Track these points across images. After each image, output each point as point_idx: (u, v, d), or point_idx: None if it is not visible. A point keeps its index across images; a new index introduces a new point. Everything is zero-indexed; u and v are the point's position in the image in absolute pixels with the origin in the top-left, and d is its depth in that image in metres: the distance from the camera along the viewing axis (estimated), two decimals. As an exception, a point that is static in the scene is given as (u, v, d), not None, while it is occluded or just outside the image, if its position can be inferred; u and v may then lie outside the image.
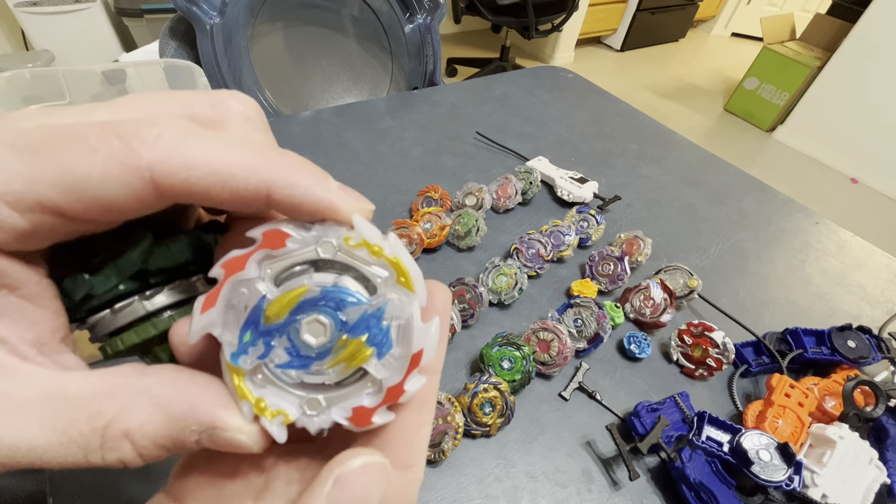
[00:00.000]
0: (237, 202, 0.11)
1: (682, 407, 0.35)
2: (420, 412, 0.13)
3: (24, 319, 0.11)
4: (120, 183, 0.10)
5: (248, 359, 0.11)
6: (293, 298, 0.11)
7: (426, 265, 0.47)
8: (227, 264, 0.11)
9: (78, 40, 1.57)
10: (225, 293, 0.11)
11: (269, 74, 0.78)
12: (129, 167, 0.10)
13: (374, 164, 0.59)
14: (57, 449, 0.10)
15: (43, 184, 0.09)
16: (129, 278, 0.12)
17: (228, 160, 0.10)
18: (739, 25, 3.58)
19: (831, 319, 0.47)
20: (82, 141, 0.09)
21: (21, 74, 0.42)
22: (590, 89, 0.84)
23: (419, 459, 0.13)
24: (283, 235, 0.11)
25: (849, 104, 2.12)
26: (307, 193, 0.11)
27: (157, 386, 0.11)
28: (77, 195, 0.10)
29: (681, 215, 0.58)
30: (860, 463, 0.31)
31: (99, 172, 0.09)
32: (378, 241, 0.11)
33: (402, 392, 0.11)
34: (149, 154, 0.10)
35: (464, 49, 2.85)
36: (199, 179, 0.10)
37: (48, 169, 0.09)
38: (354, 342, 0.11)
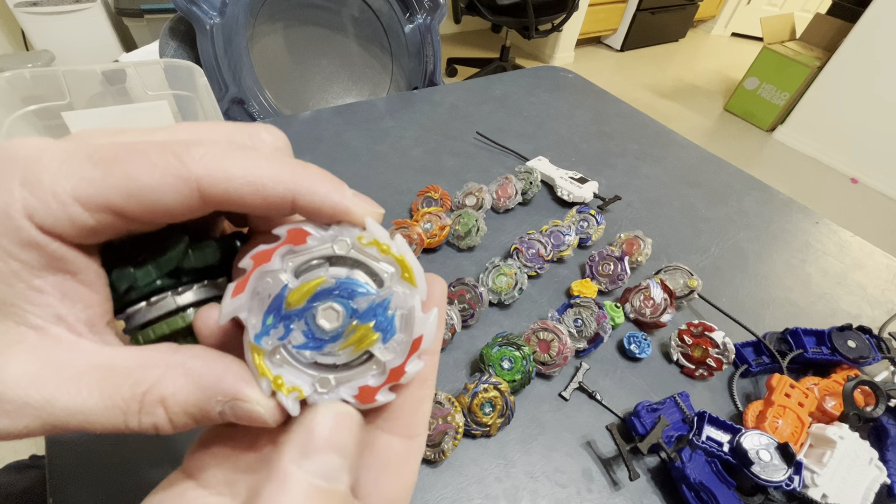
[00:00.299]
0: (267, 207, 0.13)
1: (682, 407, 0.35)
2: (422, 388, 0.14)
3: (80, 301, 0.13)
4: (173, 191, 0.12)
5: (270, 340, 0.13)
6: (312, 288, 0.13)
7: (426, 265, 0.47)
8: (256, 256, 0.13)
9: (78, 40, 1.57)
10: (252, 281, 0.13)
11: (269, 74, 0.78)
12: (181, 178, 0.12)
13: (374, 164, 0.59)
14: (102, 412, 0.12)
15: (111, 189, 0.11)
16: (165, 275, 0.14)
17: (260, 172, 0.12)
18: (739, 25, 3.58)
19: (831, 319, 0.47)
20: (145, 156, 0.12)
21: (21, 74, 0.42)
22: (590, 89, 0.84)
23: (422, 430, 0.14)
24: (304, 233, 0.13)
25: (849, 104, 2.12)
26: (326, 199, 0.13)
27: (190, 360, 0.12)
28: (138, 200, 0.12)
29: (681, 215, 0.58)
30: (860, 463, 0.31)
31: (157, 182, 0.11)
32: (386, 241, 0.13)
33: (403, 373, 0.13)
34: (196, 168, 0.12)
35: (464, 49, 2.85)
36: (237, 189, 0.12)
37: (117, 178, 0.11)
38: (363, 328, 0.13)
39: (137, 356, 0.12)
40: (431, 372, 0.14)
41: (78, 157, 0.11)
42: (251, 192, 0.12)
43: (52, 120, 0.45)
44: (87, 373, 0.12)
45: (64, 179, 0.11)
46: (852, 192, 2.11)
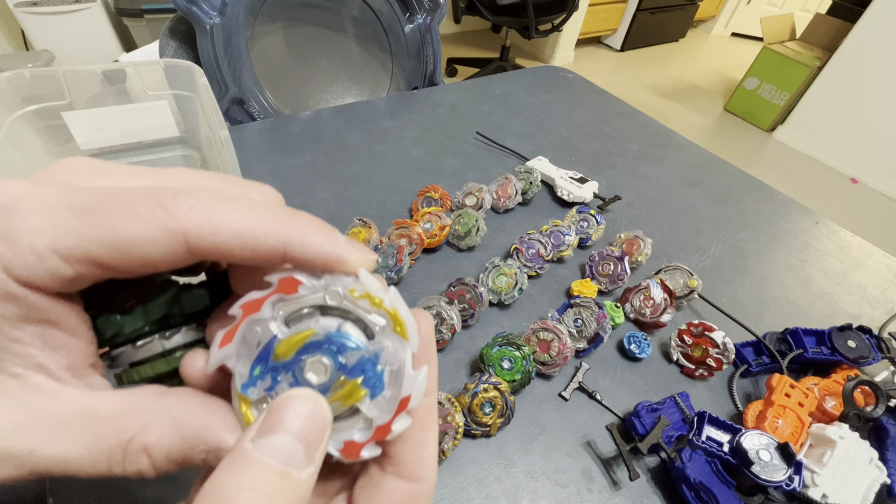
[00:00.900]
0: (258, 259, 0.12)
1: (682, 407, 0.35)
2: (423, 431, 0.14)
3: (61, 349, 0.12)
4: (159, 244, 0.11)
5: (256, 390, 0.13)
6: (300, 340, 0.13)
7: (426, 265, 0.47)
8: (246, 305, 0.13)
9: (78, 40, 1.57)
10: (242, 330, 0.13)
11: (269, 74, 0.78)
12: (168, 231, 0.11)
13: (374, 164, 0.59)
14: (87, 460, 0.11)
15: (93, 242, 0.11)
16: (154, 322, 0.14)
17: (250, 224, 0.12)
18: (739, 25, 3.58)
19: (831, 319, 0.47)
20: (130, 207, 0.11)
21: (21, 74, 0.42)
22: (590, 89, 0.84)
23: (428, 472, 0.14)
24: (295, 282, 0.13)
25: (849, 104, 2.12)
26: (319, 249, 0.12)
27: (175, 407, 0.12)
28: (121, 253, 0.11)
29: (681, 215, 0.58)
30: (860, 463, 0.31)
31: (142, 235, 0.11)
32: (380, 294, 0.13)
33: (389, 431, 0.12)
34: (184, 220, 0.11)
35: (464, 49, 2.85)
36: (226, 241, 0.12)
37: (99, 230, 0.11)
38: (351, 383, 0.12)
39: (121, 402, 0.12)
40: (431, 413, 0.14)
41: (58, 207, 0.11)
42: (241, 245, 0.12)
43: (52, 120, 0.45)
44: (70, 421, 0.12)
45: (42, 231, 0.11)
46: (852, 192, 2.11)
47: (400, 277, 0.43)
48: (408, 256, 0.43)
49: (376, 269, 0.43)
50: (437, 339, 0.38)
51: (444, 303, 0.39)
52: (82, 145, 0.49)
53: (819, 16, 2.34)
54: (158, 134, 0.53)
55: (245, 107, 0.75)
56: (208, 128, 0.47)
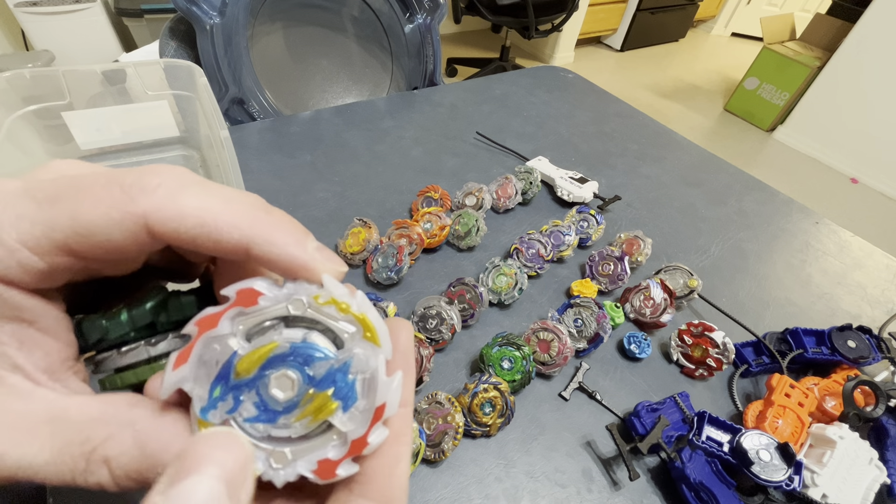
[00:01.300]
0: (220, 251, 0.12)
1: (682, 407, 0.35)
2: (396, 445, 0.13)
3: (38, 349, 0.12)
4: (119, 228, 0.11)
5: (218, 413, 0.12)
6: (263, 354, 0.12)
7: (426, 265, 0.47)
8: (201, 322, 0.12)
9: (78, 40, 1.57)
10: (198, 349, 0.12)
11: (269, 74, 0.78)
12: (127, 214, 0.11)
13: (374, 164, 0.59)
14: (51, 468, 0.11)
15: (56, 230, 0.11)
16: (139, 328, 0.14)
17: (215, 214, 0.11)
18: (739, 25, 3.58)
19: (831, 319, 0.47)
20: (89, 191, 0.11)
21: (21, 74, 0.42)
22: (590, 89, 0.84)
23: (400, 493, 0.13)
24: (255, 294, 0.12)
25: (849, 104, 2.12)
26: (283, 251, 0.12)
27: (141, 420, 0.12)
28: (85, 238, 0.11)
29: (681, 215, 0.58)
30: (860, 463, 0.31)
31: (101, 218, 0.11)
32: (346, 299, 0.12)
33: (365, 444, 0.12)
34: (145, 202, 0.11)
35: (464, 49, 2.85)
36: (188, 230, 0.11)
37: (61, 216, 0.11)
38: (321, 396, 0.12)
39: (93, 409, 0.12)
40: (405, 426, 0.13)
41: (21, 198, 0.11)
42: (202, 235, 0.11)
43: (52, 120, 0.45)
44: (41, 426, 0.11)
45: (8, 224, 0.10)
46: (852, 192, 2.11)
47: (400, 277, 0.43)
48: (408, 256, 0.43)
49: (376, 270, 0.43)
50: (437, 339, 0.38)
51: (444, 303, 0.39)
52: (82, 145, 0.49)
53: (819, 16, 2.34)
54: (158, 134, 0.53)
55: (245, 107, 0.75)
56: (208, 128, 0.47)
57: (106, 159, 0.52)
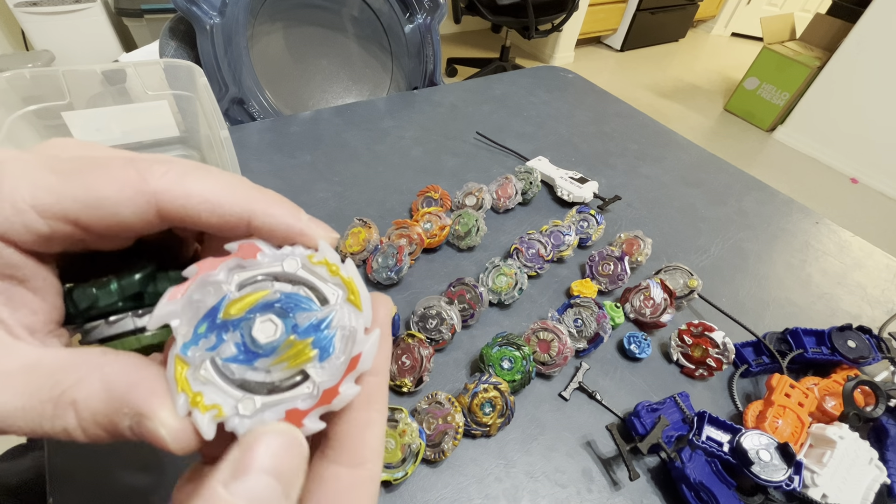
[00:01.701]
0: (223, 226, 0.13)
1: (682, 407, 0.35)
2: (367, 410, 0.13)
3: (24, 307, 0.13)
4: (131, 203, 0.12)
5: (198, 350, 0.12)
6: (254, 299, 0.12)
7: (426, 265, 0.47)
8: (201, 264, 0.12)
9: (78, 40, 1.57)
10: (192, 289, 0.12)
11: (269, 74, 0.78)
12: (140, 192, 0.12)
13: (374, 164, 0.59)
14: (20, 413, 0.11)
15: (69, 199, 0.12)
16: (128, 298, 0.14)
17: (218, 192, 0.13)
18: (739, 25, 3.58)
19: (831, 319, 0.47)
20: (107, 169, 0.12)
21: (21, 74, 0.42)
22: (590, 89, 0.84)
23: (372, 456, 0.13)
24: (255, 249, 0.13)
25: (849, 104, 2.12)
26: (281, 220, 0.13)
27: (110, 365, 0.12)
28: (95, 210, 0.12)
29: (681, 215, 0.58)
30: (860, 463, 0.31)
31: (116, 194, 0.12)
32: (336, 262, 0.13)
33: (336, 394, 0.12)
34: (157, 183, 0.12)
35: (464, 49, 2.85)
36: (194, 206, 0.12)
37: (76, 188, 0.12)
38: (300, 343, 0.12)
39: (66, 357, 0.12)
40: (379, 394, 0.14)
41: (40, 168, 0.12)
42: (207, 211, 0.13)
43: (52, 120, 0.45)
44: (15, 374, 0.11)
45: (23, 187, 0.11)
46: (852, 192, 2.11)
47: (400, 277, 0.43)
48: (408, 256, 0.43)
49: (376, 270, 0.43)
50: (437, 339, 0.38)
51: (444, 303, 0.39)
52: (82, 145, 0.49)
53: (819, 16, 2.34)
54: (158, 134, 0.53)
55: (245, 107, 0.75)
56: (208, 128, 0.47)
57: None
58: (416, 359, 0.36)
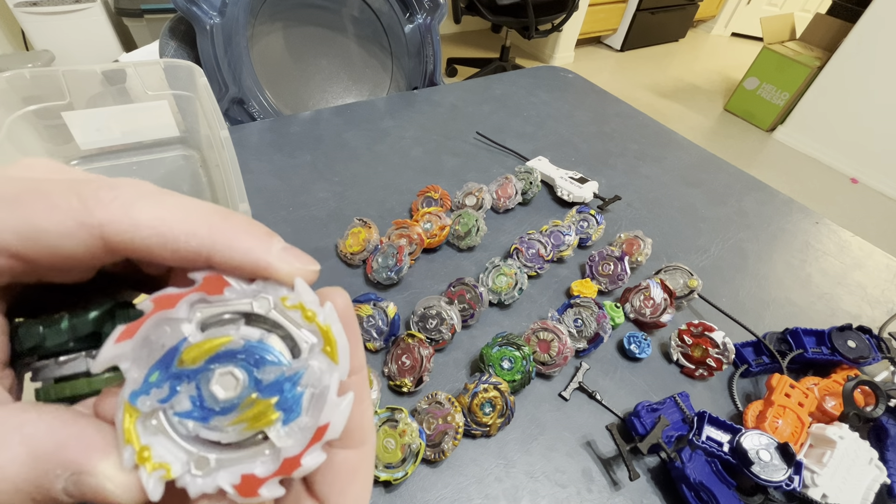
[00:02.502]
0: (179, 261, 0.11)
1: (682, 407, 0.35)
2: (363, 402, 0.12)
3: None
4: (73, 237, 0.11)
5: (148, 400, 0.10)
6: (214, 346, 0.11)
7: (426, 265, 0.47)
8: (158, 299, 0.11)
9: (78, 40, 1.57)
10: (146, 327, 0.11)
11: (269, 74, 0.78)
12: (81, 224, 0.11)
13: (374, 164, 0.59)
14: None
15: (7, 231, 0.10)
16: (80, 338, 0.12)
17: (172, 223, 0.11)
18: (739, 25, 3.58)
19: (831, 319, 0.47)
20: (47, 197, 0.11)
21: (21, 74, 0.42)
22: (590, 89, 0.84)
23: (370, 433, 0.12)
24: (223, 283, 0.11)
25: (849, 104, 2.12)
26: (247, 256, 0.11)
27: (31, 423, 0.10)
28: (35, 243, 0.11)
29: (681, 215, 0.58)
30: (860, 463, 0.31)
31: (55, 226, 0.10)
32: (314, 307, 0.11)
33: (297, 465, 0.10)
34: (101, 214, 0.11)
35: (464, 49, 2.85)
36: (143, 239, 0.11)
37: (13, 219, 0.10)
38: (263, 403, 0.11)
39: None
40: (364, 389, 0.13)
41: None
42: (159, 245, 0.11)
43: (52, 120, 0.45)
44: None
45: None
46: (852, 192, 2.11)
47: (400, 277, 0.43)
48: (408, 256, 0.43)
49: (376, 270, 0.43)
50: (437, 339, 0.38)
51: (444, 303, 0.39)
52: (82, 145, 0.49)
53: (819, 16, 2.34)
54: (158, 134, 0.53)
55: (245, 107, 0.75)
56: (208, 128, 0.47)
57: (106, 159, 0.52)
58: (416, 359, 0.36)
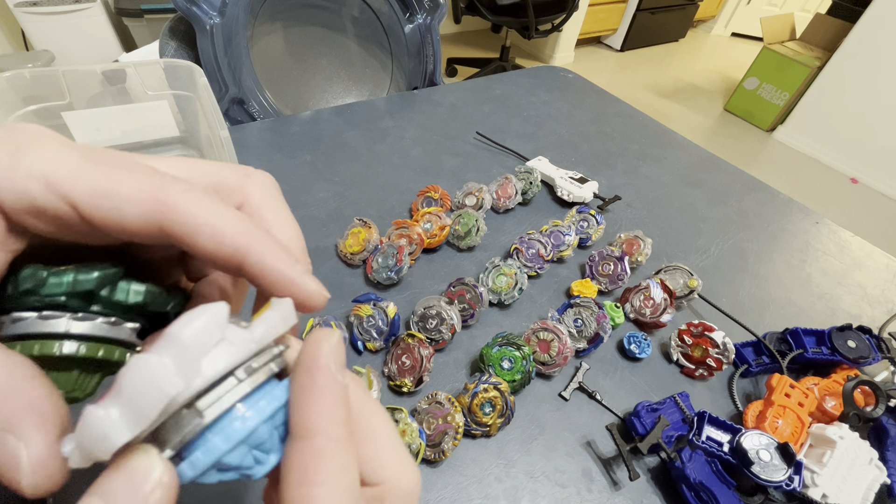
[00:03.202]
0: (218, 255, 0.13)
1: (682, 407, 0.35)
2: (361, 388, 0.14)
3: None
4: (142, 206, 0.12)
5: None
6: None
7: (426, 265, 0.47)
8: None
9: (78, 40, 1.57)
10: None
11: (269, 74, 0.78)
12: (153, 197, 0.12)
13: (374, 164, 0.59)
14: None
15: (82, 187, 0.11)
16: (77, 295, 0.12)
17: (223, 221, 0.13)
18: (739, 25, 3.58)
19: (831, 319, 0.47)
20: (133, 167, 0.12)
21: (21, 74, 0.42)
22: (590, 89, 0.84)
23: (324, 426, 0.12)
24: None
25: (849, 104, 2.12)
26: (274, 266, 0.13)
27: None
28: (104, 201, 0.12)
29: (681, 215, 0.58)
30: (860, 463, 0.31)
31: (130, 192, 0.12)
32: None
33: None
34: (175, 197, 0.12)
35: (464, 49, 2.85)
36: (197, 227, 0.12)
37: (94, 175, 0.12)
38: None
39: None
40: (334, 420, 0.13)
41: (71, 149, 0.12)
42: (207, 234, 0.12)
43: (52, 120, 0.45)
44: None
45: (44, 158, 0.11)
46: (852, 192, 2.11)
47: (400, 277, 0.43)
48: (408, 256, 0.43)
49: (376, 270, 0.43)
50: (437, 339, 0.38)
51: (444, 303, 0.39)
52: (82, 145, 0.49)
53: (819, 16, 2.34)
54: (158, 134, 0.53)
55: (245, 107, 0.75)
56: (208, 128, 0.47)
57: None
58: (416, 359, 0.36)
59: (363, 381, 0.13)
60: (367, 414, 0.13)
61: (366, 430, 0.13)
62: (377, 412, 0.14)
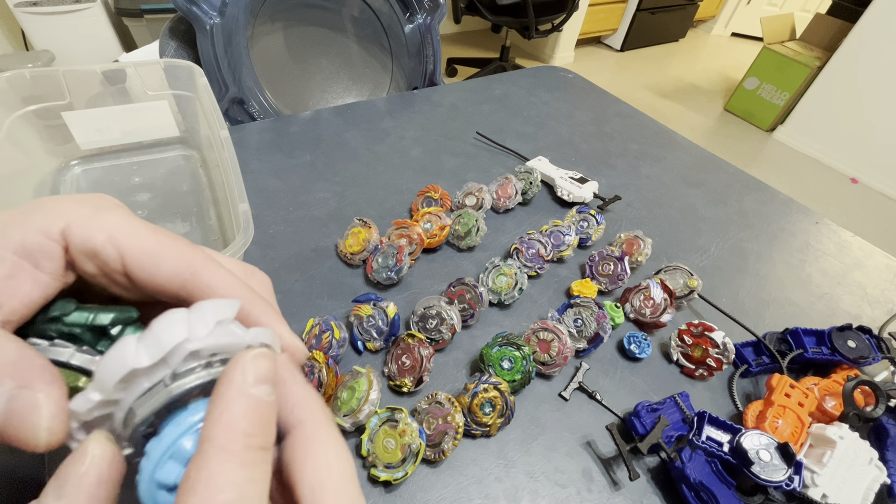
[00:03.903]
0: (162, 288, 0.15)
1: (682, 407, 0.35)
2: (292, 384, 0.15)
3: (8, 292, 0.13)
4: (173, 265, 0.14)
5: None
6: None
7: (426, 265, 0.47)
8: None
9: (78, 40, 1.57)
10: None
11: (269, 74, 0.78)
12: (184, 264, 0.15)
13: (374, 164, 0.59)
14: None
15: (139, 243, 0.14)
16: (90, 329, 0.14)
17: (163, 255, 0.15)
18: (739, 25, 3.58)
19: (831, 319, 0.47)
20: (178, 242, 0.15)
21: (21, 74, 0.42)
22: (590, 89, 0.84)
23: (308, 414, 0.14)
24: None
25: (849, 104, 2.11)
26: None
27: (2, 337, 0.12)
28: (148, 258, 0.14)
29: (681, 215, 0.58)
30: (860, 463, 0.31)
31: (170, 255, 0.15)
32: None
33: None
34: (199, 264, 0.15)
35: (464, 49, 2.85)
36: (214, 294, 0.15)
37: (150, 238, 0.15)
38: None
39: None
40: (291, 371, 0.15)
41: (138, 220, 0.15)
42: (220, 296, 0.15)
43: (52, 120, 0.45)
44: None
45: (92, 224, 0.14)
46: (852, 192, 2.11)
47: (400, 277, 0.43)
48: (408, 256, 0.43)
49: (376, 270, 0.43)
50: (437, 339, 0.38)
51: (444, 303, 0.39)
52: (82, 145, 0.49)
53: (819, 16, 2.34)
54: (158, 134, 0.53)
55: (245, 107, 0.75)
56: (208, 128, 0.47)
57: (106, 159, 0.52)
58: (416, 359, 0.36)
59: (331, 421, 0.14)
60: (315, 441, 0.13)
61: (304, 455, 0.13)
62: (329, 443, 0.13)
